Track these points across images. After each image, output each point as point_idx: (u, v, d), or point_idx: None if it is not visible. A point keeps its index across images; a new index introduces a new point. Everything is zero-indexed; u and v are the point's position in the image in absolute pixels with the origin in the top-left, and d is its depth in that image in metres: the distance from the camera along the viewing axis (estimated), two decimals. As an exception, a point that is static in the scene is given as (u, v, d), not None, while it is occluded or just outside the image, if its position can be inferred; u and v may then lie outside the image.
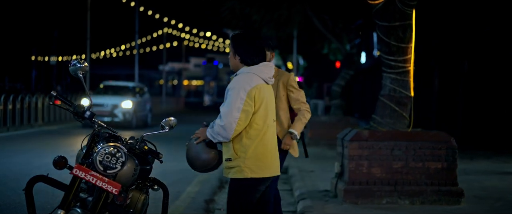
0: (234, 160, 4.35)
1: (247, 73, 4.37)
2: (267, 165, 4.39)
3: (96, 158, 4.14)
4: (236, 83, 4.31)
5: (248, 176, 4.34)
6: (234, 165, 4.36)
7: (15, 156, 12.99)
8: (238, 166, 4.35)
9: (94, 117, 4.35)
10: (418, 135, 7.55)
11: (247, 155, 4.32)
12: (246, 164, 4.33)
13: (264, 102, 4.38)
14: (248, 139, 4.33)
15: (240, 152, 4.34)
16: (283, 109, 5.60)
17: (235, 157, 4.35)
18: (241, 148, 4.33)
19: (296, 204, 8.13)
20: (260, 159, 4.35)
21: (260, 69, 4.42)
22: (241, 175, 4.35)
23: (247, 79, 4.33)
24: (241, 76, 4.36)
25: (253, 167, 4.34)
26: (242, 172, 4.34)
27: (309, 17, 16.80)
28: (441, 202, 7.42)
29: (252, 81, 4.33)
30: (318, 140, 15.87)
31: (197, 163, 4.46)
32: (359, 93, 32.40)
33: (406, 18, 7.59)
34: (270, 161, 4.41)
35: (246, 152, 4.32)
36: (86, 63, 4.34)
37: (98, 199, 4.18)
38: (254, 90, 4.31)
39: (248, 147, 4.33)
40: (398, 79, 7.66)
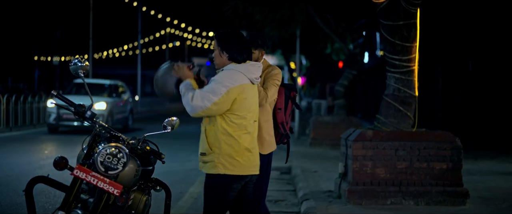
0: (208, 155, 4.36)
1: (234, 71, 4.36)
2: (241, 163, 4.37)
3: (97, 159, 4.08)
4: (220, 77, 4.33)
5: (221, 172, 4.34)
6: (208, 160, 4.37)
7: (17, 156, 12.94)
8: (212, 161, 4.35)
9: (95, 116, 4.29)
10: (423, 135, 7.48)
11: (221, 151, 4.33)
12: (219, 160, 4.33)
13: (245, 103, 4.37)
14: (224, 135, 4.33)
15: (214, 147, 4.34)
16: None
17: (210, 152, 4.35)
18: (216, 143, 4.33)
19: (299, 205, 8.06)
20: (234, 157, 4.34)
21: (248, 68, 4.42)
22: (215, 170, 4.35)
23: (233, 76, 4.34)
24: (227, 72, 4.36)
25: (226, 163, 4.33)
26: (215, 167, 4.34)
27: (311, 17, 16.73)
28: (446, 203, 7.34)
29: (236, 80, 4.34)
30: (321, 140, 15.79)
31: (158, 86, 4.57)
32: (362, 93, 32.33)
33: (411, 17, 7.52)
34: (246, 160, 4.39)
35: (220, 148, 4.33)
36: (87, 62, 4.27)
37: (99, 200, 4.11)
38: (235, 89, 4.31)
39: (222, 143, 4.32)
40: (403, 78, 7.59)
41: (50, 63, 56.79)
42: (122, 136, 4.33)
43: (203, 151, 4.40)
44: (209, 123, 4.39)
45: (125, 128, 21.33)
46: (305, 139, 18.27)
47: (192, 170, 11.03)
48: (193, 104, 4.24)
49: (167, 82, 4.44)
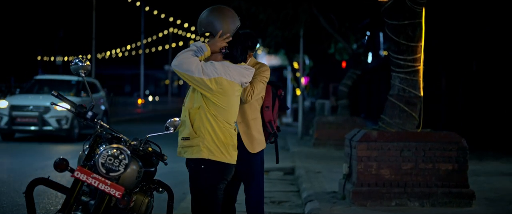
0: (192, 139, 4.27)
1: (231, 67, 4.29)
2: (225, 152, 4.29)
3: (98, 160, 4.00)
4: (217, 64, 4.23)
5: (205, 157, 4.25)
6: (192, 144, 4.27)
7: (20, 157, 12.88)
8: (197, 146, 4.26)
9: (96, 117, 4.21)
10: (428, 136, 7.40)
11: (206, 136, 4.24)
12: (204, 144, 4.25)
13: (231, 100, 4.30)
14: (210, 121, 4.25)
15: (199, 131, 4.25)
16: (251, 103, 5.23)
17: (194, 136, 4.26)
18: (202, 127, 4.24)
19: (303, 206, 7.99)
20: (218, 144, 4.27)
21: (243, 71, 4.36)
22: (199, 155, 4.26)
23: (228, 71, 4.27)
24: (225, 65, 4.27)
25: (212, 148, 4.25)
26: (200, 152, 4.25)
27: (315, 16, 16.65)
28: (452, 204, 7.26)
29: (231, 75, 4.27)
30: (325, 140, 15.72)
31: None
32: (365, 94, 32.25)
33: (416, 16, 7.44)
34: (229, 151, 4.32)
35: (205, 133, 4.24)
36: (88, 62, 4.19)
37: (100, 202, 4.04)
38: (225, 82, 4.24)
39: (209, 127, 4.24)
40: (408, 78, 7.51)
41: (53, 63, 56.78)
42: (124, 137, 4.25)
43: (186, 136, 4.30)
44: (194, 106, 4.29)
45: None
46: (308, 139, 18.19)
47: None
48: (183, 61, 4.13)
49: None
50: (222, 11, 4.35)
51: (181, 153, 4.39)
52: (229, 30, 4.32)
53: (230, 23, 4.33)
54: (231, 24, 4.34)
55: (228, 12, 4.37)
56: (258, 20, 17.60)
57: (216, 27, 4.32)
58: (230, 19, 4.34)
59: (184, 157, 4.36)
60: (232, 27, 4.33)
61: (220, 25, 4.32)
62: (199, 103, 4.28)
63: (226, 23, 4.32)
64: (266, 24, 18.03)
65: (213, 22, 4.32)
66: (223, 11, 4.36)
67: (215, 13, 4.34)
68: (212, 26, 4.32)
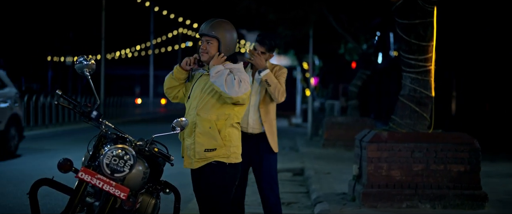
0: (220, 149, 4.37)
1: (239, 69, 4.41)
2: (239, 152, 4.50)
3: (102, 161, 3.92)
4: (238, 67, 4.39)
5: (233, 162, 4.40)
6: (219, 154, 4.38)
7: (29, 157, 12.86)
8: (224, 155, 4.39)
9: (101, 117, 4.13)
10: (440, 137, 7.29)
11: (232, 143, 4.40)
12: (231, 151, 4.39)
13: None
14: (233, 128, 4.41)
15: (226, 141, 4.38)
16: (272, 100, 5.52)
17: (222, 146, 4.37)
18: (228, 136, 4.38)
19: (312, 207, 7.89)
20: (239, 148, 4.48)
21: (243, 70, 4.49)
22: (228, 160, 4.39)
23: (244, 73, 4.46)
24: (236, 67, 4.39)
25: (237, 154, 4.44)
26: (229, 157, 4.39)
27: (325, 17, 16.54)
28: (464, 207, 7.14)
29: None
30: (335, 141, 15.61)
31: None
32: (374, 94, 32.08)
33: (427, 15, 7.32)
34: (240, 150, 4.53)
35: (231, 141, 4.39)
36: (93, 60, 4.11)
37: (105, 204, 3.95)
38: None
39: (233, 135, 4.40)
40: (419, 78, 7.40)
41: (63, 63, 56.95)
42: (129, 137, 4.17)
43: (212, 147, 4.36)
44: (219, 118, 4.37)
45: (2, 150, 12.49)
46: (318, 140, 18.08)
47: (203, 171, 10.86)
48: (240, 88, 4.25)
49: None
50: (233, 27, 4.47)
51: (191, 165, 4.46)
52: (234, 47, 4.44)
53: (236, 41, 4.46)
54: (235, 42, 4.46)
55: (227, 25, 4.43)
56: (267, 20, 17.52)
57: (226, 37, 4.40)
58: (229, 33, 4.42)
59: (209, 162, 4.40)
60: (235, 45, 4.46)
61: (230, 38, 4.41)
62: (226, 115, 4.38)
63: (234, 40, 4.43)
64: (276, 24, 17.94)
65: (226, 32, 4.42)
66: (233, 28, 4.47)
67: (229, 26, 4.45)
68: (223, 34, 4.41)
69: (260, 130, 5.51)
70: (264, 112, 5.43)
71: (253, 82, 5.51)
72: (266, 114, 5.45)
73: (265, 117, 5.43)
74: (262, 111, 5.42)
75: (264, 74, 5.35)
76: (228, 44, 4.38)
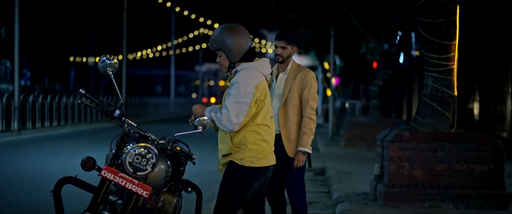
0: (234, 154, 4.35)
1: (251, 69, 4.36)
2: (265, 158, 4.39)
3: (125, 159, 3.95)
4: (243, 78, 4.30)
5: (246, 165, 4.34)
6: (234, 158, 4.36)
7: (53, 156, 12.99)
8: (238, 158, 4.35)
9: (123, 115, 4.15)
10: (462, 136, 7.22)
11: (247, 147, 4.33)
12: (246, 155, 4.33)
13: (267, 98, 4.42)
14: (248, 132, 4.33)
15: (240, 145, 4.34)
16: (294, 104, 5.40)
17: (235, 150, 4.35)
18: (242, 140, 4.34)
19: (334, 207, 7.87)
20: (259, 152, 4.36)
21: (262, 65, 4.44)
22: (241, 163, 4.35)
23: (254, 75, 4.35)
24: (246, 72, 4.34)
25: (253, 159, 4.34)
26: (242, 160, 4.34)
27: (346, 16, 16.49)
28: (487, 207, 7.06)
29: (258, 77, 4.36)
30: (356, 141, 15.56)
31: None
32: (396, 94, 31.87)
33: (450, 14, 7.26)
34: (267, 155, 4.42)
35: (246, 145, 4.33)
36: (116, 59, 4.14)
37: (127, 202, 3.98)
38: (261, 84, 4.36)
39: (248, 139, 4.33)
40: (441, 78, 7.34)
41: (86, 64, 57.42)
42: (152, 136, 4.19)
43: (227, 152, 4.38)
44: None
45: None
46: (339, 140, 18.03)
47: (224, 171, 10.88)
48: (231, 117, 4.23)
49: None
50: (234, 29, 4.39)
51: (222, 170, 4.47)
52: (241, 48, 4.36)
53: (242, 41, 4.37)
54: (243, 42, 4.37)
55: (240, 30, 4.40)
56: (288, 20, 17.50)
57: (227, 45, 4.35)
58: (242, 37, 4.37)
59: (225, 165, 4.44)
60: (244, 46, 4.37)
61: (231, 43, 4.36)
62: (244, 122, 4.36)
63: (238, 42, 4.35)
64: (297, 24, 17.91)
65: (225, 40, 4.36)
66: (235, 29, 4.40)
67: (227, 32, 4.37)
68: (223, 44, 4.36)
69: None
70: (283, 117, 5.35)
71: (276, 86, 5.45)
72: (285, 119, 5.37)
73: (283, 122, 5.36)
74: (280, 117, 5.37)
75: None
76: (234, 49, 4.34)
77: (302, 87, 5.37)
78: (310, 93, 5.35)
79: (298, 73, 5.41)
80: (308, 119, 5.32)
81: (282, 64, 5.44)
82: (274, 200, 5.52)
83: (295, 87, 5.38)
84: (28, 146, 15.10)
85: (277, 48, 5.39)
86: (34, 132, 19.68)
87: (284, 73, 5.43)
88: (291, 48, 5.38)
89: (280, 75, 5.45)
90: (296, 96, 5.39)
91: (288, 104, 5.37)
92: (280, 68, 5.47)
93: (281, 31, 5.46)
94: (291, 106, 5.38)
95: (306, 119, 5.32)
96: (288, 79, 5.40)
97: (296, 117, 5.38)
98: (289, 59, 5.43)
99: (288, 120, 5.37)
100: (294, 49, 5.41)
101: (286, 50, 5.36)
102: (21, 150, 14.28)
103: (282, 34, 5.39)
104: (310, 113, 5.34)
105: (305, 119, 5.33)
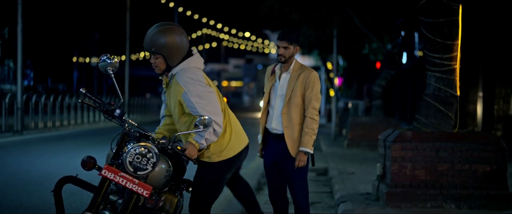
0: (203, 151, 4.44)
1: (188, 69, 4.40)
2: (229, 148, 4.51)
3: (125, 159, 3.94)
4: (187, 80, 4.31)
5: (215, 161, 4.46)
6: (201, 157, 4.44)
7: (54, 156, 13.00)
8: (205, 155, 4.45)
9: (124, 115, 4.15)
10: (465, 136, 7.20)
11: (210, 146, 4.44)
12: (211, 152, 4.45)
13: (213, 87, 4.48)
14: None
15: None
16: (297, 104, 5.38)
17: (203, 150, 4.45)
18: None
19: (336, 207, 7.86)
20: (221, 144, 4.48)
21: (195, 60, 4.49)
22: (210, 160, 4.46)
23: (195, 71, 4.40)
24: (185, 72, 4.36)
25: (218, 152, 4.47)
26: (210, 157, 4.45)
27: (349, 16, 16.46)
28: (490, 207, 7.04)
29: (198, 72, 4.43)
30: (359, 141, 15.53)
31: None
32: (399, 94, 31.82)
33: (452, 13, 7.24)
34: (231, 142, 4.53)
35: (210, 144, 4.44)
36: (116, 59, 4.14)
37: (128, 201, 3.97)
38: (204, 76, 4.46)
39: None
40: (444, 77, 7.32)
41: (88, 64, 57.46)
42: (152, 135, 4.18)
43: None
44: (189, 128, 4.43)
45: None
46: (342, 140, 18.00)
47: (227, 171, 10.87)
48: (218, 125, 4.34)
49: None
50: (176, 32, 4.44)
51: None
52: (182, 52, 4.43)
53: (184, 44, 4.48)
54: (184, 45, 4.48)
55: (181, 32, 4.47)
56: (290, 20, 17.48)
57: (168, 49, 4.40)
58: (185, 39, 4.48)
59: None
60: (185, 49, 4.46)
61: (173, 48, 4.41)
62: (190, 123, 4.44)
63: (180, 46, 4.46)
64: (299, 24, 17.89)
65: (166, 44, 4.42)
66: (177, 32, 4.45)
67: (169, 35, 4.42)
68: (164, 48, 4.41)
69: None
70: (286, 117, 5.34)
71: (279, 86, 5.44)
72: (289, 119, 5.36)
73: (286, 122, 5.35)
74: (284, 117, 5.35)
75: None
76: (174, 53, 4.37)
77: (305, 87, 5.35)
78: (313, 94, 5.33)
79: (301, 73, 5.38)
80: (311, 119, 5.30)
81: (284, 64, 5.42)
82: (277, 201, 5.51)
83: (298, 87, 5.36)
84: (30, 146, 15.11)
85: (279, 48, 5.37)
86: (36, 132, 19.69)
87: (287, 73, 5.42)
88: (294, 48, 5.36)
89: (283, 75, 5.43)
90: (299, 96, 5.37)
91: (291, 105, 5.36)
92: (283, 68, 5.45)
93: (283, 31, 5.44)
94: (294, 106, 5.37)
95: (309, 119, 5.31)
96: (291, 79, 5.37)
97: (299, 117, 5.37)
98: (291, 59, 5.41)
99: (291, 120, 5.36)
100: (296, 49, 5.39)
101: (288, 50, 5.34)
102: (23, 150, 14.29)
103: (284, 34, 5.37)
104: (313, 113, 5.32)
105: (307, 119, 5.31)
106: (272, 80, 5.48)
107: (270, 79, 5.50)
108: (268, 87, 5.49)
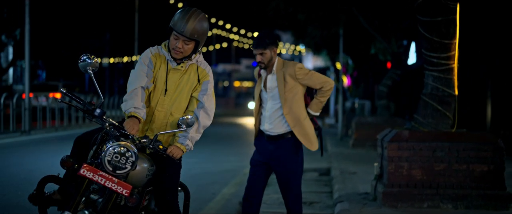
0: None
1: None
2: None
3: (104, 158, 3.93)
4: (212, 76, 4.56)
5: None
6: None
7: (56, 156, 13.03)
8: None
9: (104, 114, 4.14)
10: (462, 136, 7.14)
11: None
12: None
13: None
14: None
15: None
16: (296, 99, 5.37)
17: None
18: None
19: (333, 207, 7.82)
20: None
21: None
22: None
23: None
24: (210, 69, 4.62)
25: None
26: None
27: (355, 16, 16.39)
28: (487, 207, 6.97)
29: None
30: (364, 141, 15.47)
31: None
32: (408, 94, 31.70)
33: (450, 12, 7.19)
34: None
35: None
36: (97, 59, 4.14)
37: (107, 201, 3.96)
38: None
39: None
40: (441, 77, 7.27)
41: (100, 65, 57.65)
42: (134, 135, 4.17)
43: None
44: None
45: None
46: (347, 140, 17.95)
47: (227, 171, 10.88)
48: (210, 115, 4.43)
49: None
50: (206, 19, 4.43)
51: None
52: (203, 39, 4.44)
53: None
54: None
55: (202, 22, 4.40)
56: (296, 20, 17.44)
57: (205, 37, 4.41)
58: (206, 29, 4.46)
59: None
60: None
61: (206, 36, 4.43)
62: None
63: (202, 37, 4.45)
64: (305, 24, 17.84)
65: (206, 32, 4.41)
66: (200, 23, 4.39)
67: (206, 22, 4.43)
68: (204, 36, 4.39)
69: (278, 132, 5.41)
70: (291, 117, 5.28)
71: (268, 89, 5.40)
72: (293, 118, 5.31)
73: (292, 122, 5.31)
74: (288, 118, 5.29)
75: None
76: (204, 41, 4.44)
77: (298, 79, 5.33)
78: (314, 75, 5.34)
79: (285, 70, 5.37)
80: (325, 90, 5.35)
81: (267, 69, 5.43)
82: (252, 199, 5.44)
83: (289, 82, 5.33)
84: (36, 146, 15.18)
85: (256, 56, 5.36)
86: (44, 132, 19.78)
87: (272, 74, 5.41)
88: (270, 51, 5.34)
89: (268, 77, 5.42)
90: (293, 90, 5.34)
91: (291, 102, 5.33)
92: (268, 71, 5.44)
93: (256, 38, 5.42)
94: (294, 102, 5.34)
95: (323, 90, 5.36)
96: (278, 79, 5.35)
97: (303, 111, 5.35)
98: (272, 61, 5.39)
99: (297, 118, 5.32)
100: (274, 51, 5.37)
101: (265, 56, 5.33)
102: (29, 150, 14.37)
103: (256, 42, 5.35)
104: (327, 84, 5.35)
105: (323, 89, 5.36)
106: (260, 82, 5.48)
107: (258, 82, 5.49)
108: (257, 91, 5.48)
